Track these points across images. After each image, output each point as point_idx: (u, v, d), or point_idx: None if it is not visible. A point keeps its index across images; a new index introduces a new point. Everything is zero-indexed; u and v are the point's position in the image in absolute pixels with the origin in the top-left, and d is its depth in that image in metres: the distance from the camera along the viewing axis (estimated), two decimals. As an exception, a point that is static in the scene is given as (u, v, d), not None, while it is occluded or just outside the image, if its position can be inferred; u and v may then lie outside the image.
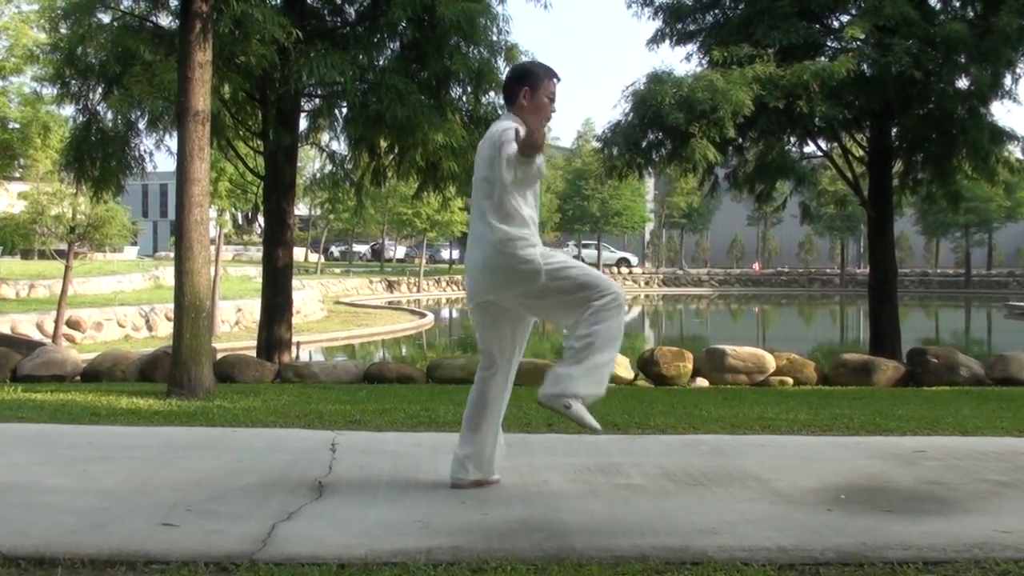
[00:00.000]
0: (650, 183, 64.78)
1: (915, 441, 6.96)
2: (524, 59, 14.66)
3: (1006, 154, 17.35)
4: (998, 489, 5.32)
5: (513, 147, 4.86)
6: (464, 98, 15.31)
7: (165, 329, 26.19)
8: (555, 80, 5.31)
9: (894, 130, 17.37)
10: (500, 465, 5.37)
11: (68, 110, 16.66)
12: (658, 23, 18.03)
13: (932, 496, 5.16)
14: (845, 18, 16.75)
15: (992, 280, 67.56)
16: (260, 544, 4.15)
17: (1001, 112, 76.50)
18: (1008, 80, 16.29)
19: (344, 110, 15.01)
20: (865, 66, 15.38)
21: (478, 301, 5.18)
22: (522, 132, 4.88)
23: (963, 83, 15.87)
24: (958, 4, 16.67)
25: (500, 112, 15.15)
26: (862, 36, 15.16)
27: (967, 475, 5.69)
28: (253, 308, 27.68)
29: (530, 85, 5.24)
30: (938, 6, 16.74)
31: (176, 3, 12.38)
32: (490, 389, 5.28)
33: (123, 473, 5.50)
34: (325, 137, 17.67)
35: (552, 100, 5.28)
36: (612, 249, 73.12)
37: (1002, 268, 72.53)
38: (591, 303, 4.95)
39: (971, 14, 16.13)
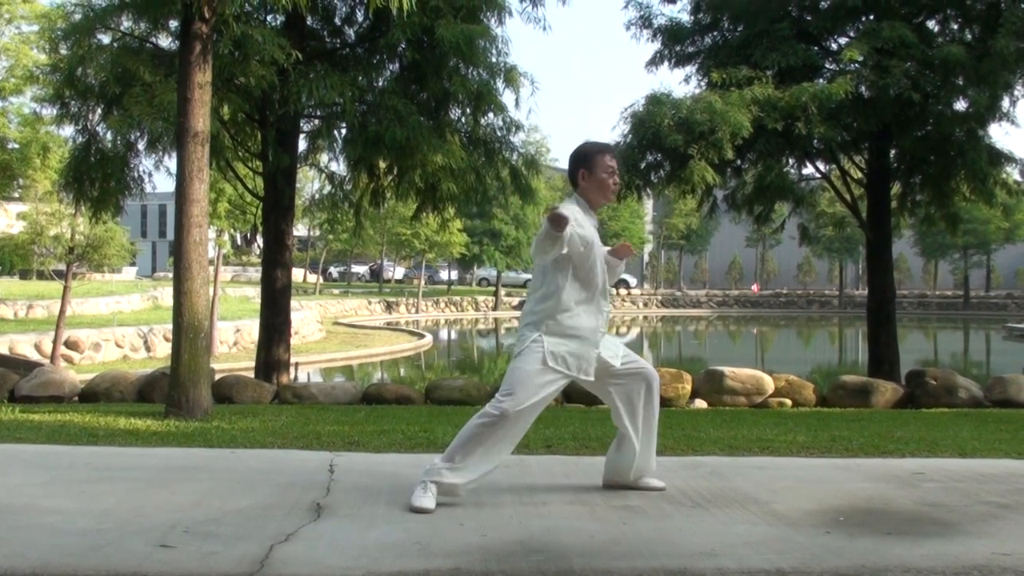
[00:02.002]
0: (649, 204, 64.99)
1: (914, 463, 6.96)
2: (524, 81, 14.71)
3: (1004, 176, 17.37)
4: (997, 511, 5.32)
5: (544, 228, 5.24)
6: (463, 119, 15.34)
7: (163, 350, 26.22)
8: (609, 155, 5.68)
9: (892, 152, 17.39)
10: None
11: (67, 131, 16.64)
12: (657, 45, 18.10)
13: (931, 518, 5.16)
14: (843, 40, 16.80)
15: (991, 302, 67.70)
16: (258, 566, 4.14)
17: (999, 134, 76.89)
18: (1006, 102, 16.32)
19: (343, 131, 15.03)
20: (863, 88, 15.41)
21: None
22: (568, 213, 5.25)
23: (961, 105, 15.92)
24: (956, 27, 16.73)
25: (499, 134, 15.30)
26: (860, 58, 15.20)
27: (966, 497, 5.69)
28: (252, 329, 27.72)
29: (585, 166, 5.65)
30: (936, 29, 16.79)
31: (176, 25, 12.39)
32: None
33: (121, 494, 5.49)
34: (324, 158, 17.69)
35: (611, 174, 5.66)
36: (611, 270, 73.03)
37: (1000, 290, 72.65)
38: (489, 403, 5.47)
39: (969, 37, 16.18)
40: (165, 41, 14.09)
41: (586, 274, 5.53)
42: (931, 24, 16.80)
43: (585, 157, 5.69)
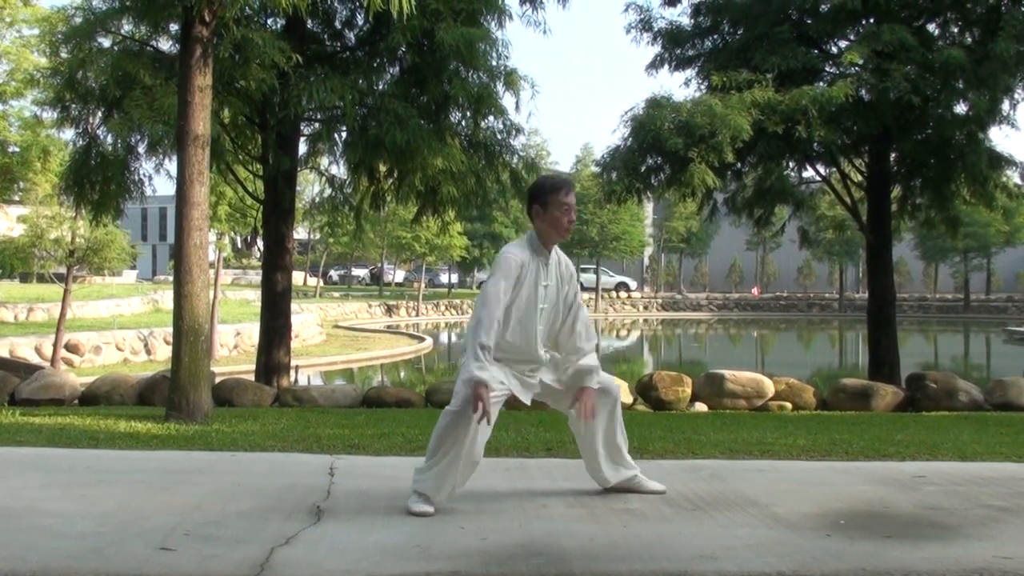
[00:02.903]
0: (649, 208, 64.99)
1: (914, 466, 6.95)
2: (524, 84, 14.69)
3: (1004, 179, 17.39)
4: (998, 515, 5.32)
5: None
6: (463, 123, 15.33)
7: (164, 353, 26.19)
8: (563, 191, 5.57)
9: (892, 155, 17.40)
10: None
11: (68, 134, 16.67)
12: (657, 48, 18.10)
13: (932, 521, 5.15)
14: (843, 43, 16.81)
15: (991, 305, 67.64)
16: (258, 569, 4.15)
17: (999, 137, 76.95)
18: (1006, 106, 16.34)
19: (343, 134, 15.02)
20: (863, 91, 15.42)
21: None
22: (515, 258, 5.44)
23: (961, 108, 15.91)
24: (956, 30, 16.73)
25: (499, 137, 15.30)
26: (860, 61, 15.20)
27: (967, 500, 5.69)
28: (252, 332, 27.71)
29: (539, 202, 5.56)
30: (936, 32, 16.79)
31: (177, 28, 12.40)
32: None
33: (121, 497, 5.49)
34: (324, 161, 17.72)
35: (566, 211, 5.53)
36: (611, 273, 73.15)
37: (1001, 293, 72.57)
38: None
39: (969, 40, 16.19)
40: (165, 44, 14.12)
41: (520, 319, 5.47)
42: (931, 27, 16.80)
43: (539, 193, 5.64)
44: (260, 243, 16.73)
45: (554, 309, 5.59)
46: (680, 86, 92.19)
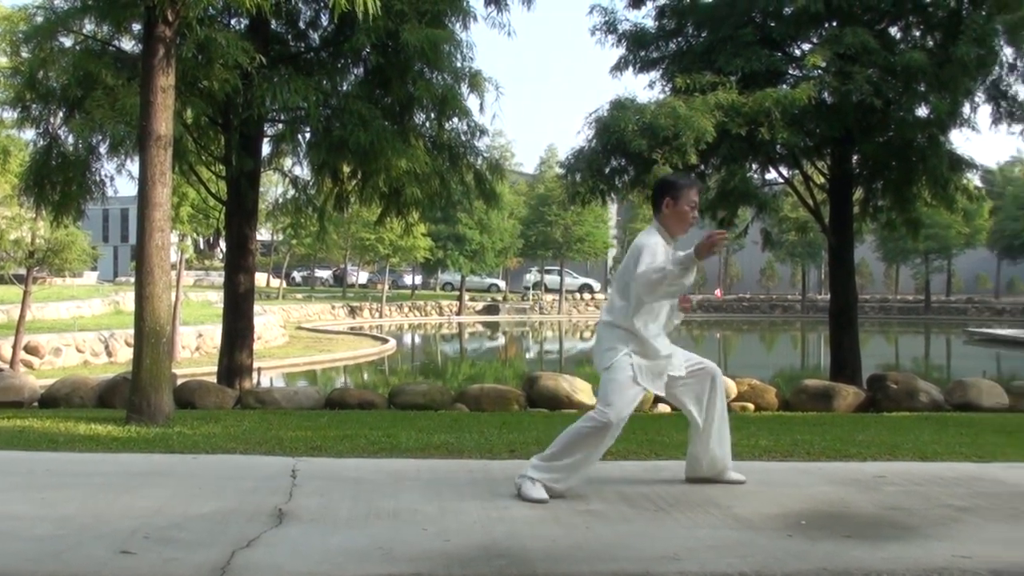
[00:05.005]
0: (613, 209, 65.02)
1: (875, 467, 7.00)
2: (488, 85, 14.71)
3: (965, 182, 17.49)
4: (957, 515, 5.36)
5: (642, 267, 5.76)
6: (427, 124, 15.31)
7: (125, 355, 25.99)
8: (695, 190, 6.02)
9: (855, 157, 17.48)
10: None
11: (28, 134, 16.49)
12: (622, 50, 18.11)
13: (892, 522, 5.19)
14: (806, 46, 16.87)
15: (951, 306, 68.17)
16: (219, 572, 4.12)
17: (960, 140, 77.36)
18: (967, 109, 16.45)
19: (307, 135, 14.95)
20: (826, 94, 15.49)
21: None
22: (652, 241, 5.89)
23: (923, 111, 15.99)
24: (918, 34, 16.84)
25: (463, 138, 15.28)
26: (823, 64, 15.26)
27: (927, 500, 5.73)
28: (214, 334, 27.54)
29: (671, 195, 5.96)
30: (898, 35, 16.89)
31: (139, 28, 12.31)
32: None
33: (81, 500, 5.44)
34: (288, 162, 17.61)
35: (693, 208, 5.96)
36: (575, 275, 73.25)
37: (961, 294, 73.24)
38: (591, 410, 5.82)
39: (930, 43, 16.29)
40: (128, 44, 14.00)
41: (661, 302, 5.93)
42: (893, 31, 16.88)
43: (673, 187, 5.98)
44: (222, 244, 16.65)
45: None
46: (644, 88, 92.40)
